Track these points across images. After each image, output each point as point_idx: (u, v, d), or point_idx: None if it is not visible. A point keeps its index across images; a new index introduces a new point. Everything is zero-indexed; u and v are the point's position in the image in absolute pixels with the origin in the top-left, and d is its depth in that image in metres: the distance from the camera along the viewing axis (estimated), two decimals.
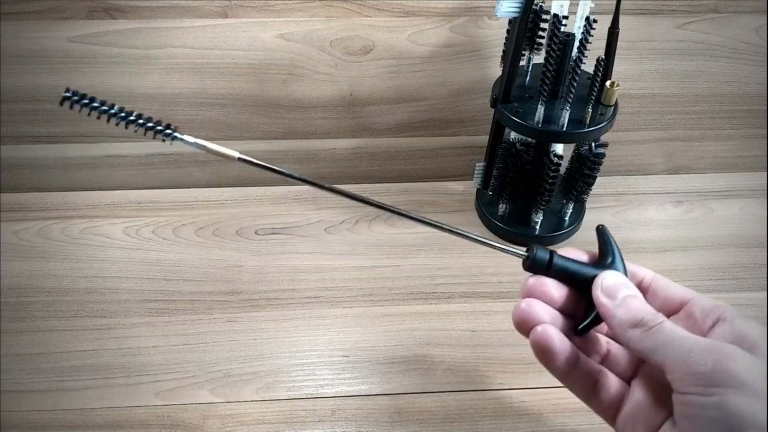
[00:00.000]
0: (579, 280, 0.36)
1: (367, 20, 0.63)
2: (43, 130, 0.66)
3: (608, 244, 0.37)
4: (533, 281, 0.37)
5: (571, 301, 0.37)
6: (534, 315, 0.36)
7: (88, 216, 0.66)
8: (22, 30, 0.61)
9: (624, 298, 0.34)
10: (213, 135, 0.68)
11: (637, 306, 0.34)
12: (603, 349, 0.38)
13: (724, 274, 0.61)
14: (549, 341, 0.35)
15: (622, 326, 0.33)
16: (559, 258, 0.37)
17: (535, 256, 0.36)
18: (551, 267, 0.36)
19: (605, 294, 0.35)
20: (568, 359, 0.36)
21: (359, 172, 0.71)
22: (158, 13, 0.61)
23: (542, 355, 0.36)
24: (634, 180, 0.72)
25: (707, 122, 0.71)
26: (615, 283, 0.35)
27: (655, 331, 0.32)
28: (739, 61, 0.67)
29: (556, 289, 0.37)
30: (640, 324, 0.33)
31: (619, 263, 0.36)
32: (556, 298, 0.37)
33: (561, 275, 0.37)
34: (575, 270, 0.36)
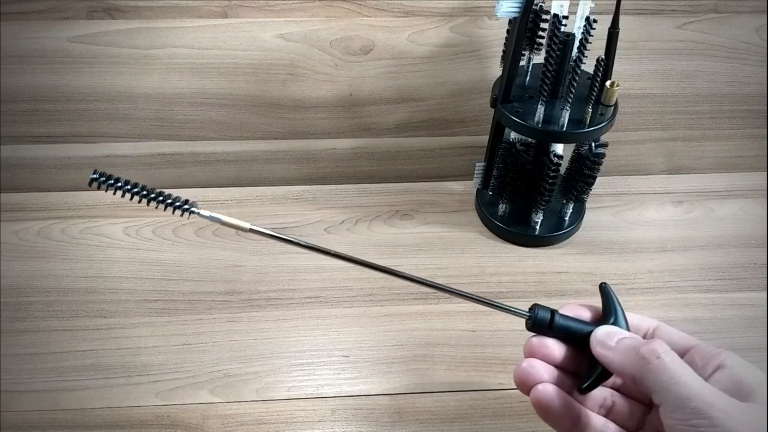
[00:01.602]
0: (580, 338, 0.37)
1: (367, 20, 0.63)
2: (43, 130, 0.66)
3: (610, 302, 0.38)
4: (535, 341, 0.38)
5: (574, 359, 0.38)
6: (535, 374, 0.37)
7: (88, 216, 0.66)
8: (22, 30, 0.61)
9: (618, 341, 0.35)
10: (213, 135, 0.68)
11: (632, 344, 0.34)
12: (607, 402, 0.38)
13: (724, 274, 0.61)
14: (549, 400, 0.36)
15: (624, 369, 0.34)
16: (560, 317, 0.38)
17: (536, 317, 0.38)
18: (552, 326, 0.37)
19: (600, 345, 0.36)
20: (569, 416, 0.36)
21: (359, 172, 0.71)
22: (158, 13, 0.62)
23: (543, 413, 0.37)
24: (634, 180, 0.72)
25: (707, 122, 0.71)
26: (607, 332, 0.36)
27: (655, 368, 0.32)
28: (739, 61, 0.67)
29: (558, 348, 0.38)
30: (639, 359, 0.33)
31: (621, 320, 0.37)
32: (557, 357, 0.38)
33: (562, 334, 0.38)
34: (577, 329, 0.37)
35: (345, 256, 0.40)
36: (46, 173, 0.68)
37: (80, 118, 0.66)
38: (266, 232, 0.39)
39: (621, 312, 0.38)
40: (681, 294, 0.59)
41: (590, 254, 0.63)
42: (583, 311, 0.39)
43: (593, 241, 0.64)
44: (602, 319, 0.38)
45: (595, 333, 0.36)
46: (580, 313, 0.39)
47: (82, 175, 0.69)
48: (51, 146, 0.67)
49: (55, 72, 0.63)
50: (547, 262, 0.62)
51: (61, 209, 0.67)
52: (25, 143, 0.67)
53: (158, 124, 0.67)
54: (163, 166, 0.69)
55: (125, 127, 0.67)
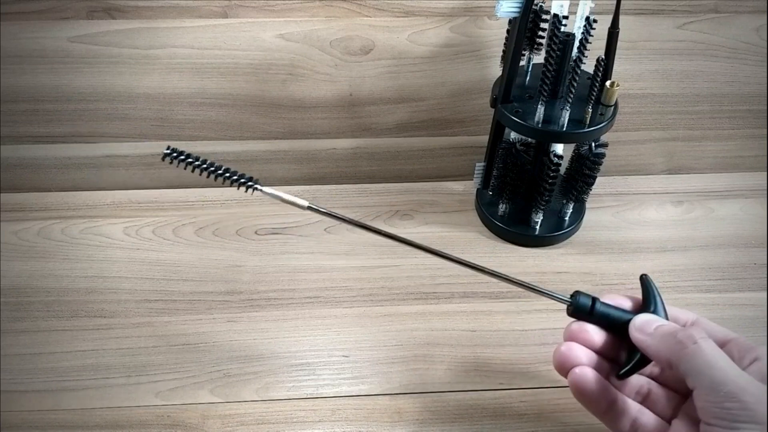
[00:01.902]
0: (620, 326, 0.38)
1: (367, 20, 0.63)
2: (43, 130, 0.66)
3: (651, 293, 0.39)
4: (575, 326, 0.39)
5: (613, 346, 0.39)
6: (573, 357, 0.38)
7: (88, 216, 0.66)
8: (22, 30, 0.61)
9: (656, 328, 0.36)
10: (213, 135, 0.68)
11: (670, 329, 0.35)
12: (644, 390, 0.39)
13: (724, 274, 0.61)
14: (586, 382, 0.37)
15: (660, 354, 0.35)
16: (601, 305, 0.38)
17: (578, 303, 0.38)
18: (593, 313, 0.38)
19: (639, 331, 0.37)
20: (605, 399, 0.37)
21: (359, 172, 0.71)
22: (158, 13, 0.62)
23: (580, 395, 0.38)
24: (634, 180, 0.72)
25: (707, 122, 0.71)
26: (647, 319, 0.37)
27: (692, 352, 0.33)
28: (739, 61, 0.67)
29: (598, 334, 0.39)
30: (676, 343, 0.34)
31: (660, 310, 0.38)
32: (596, 343, 0.38)
33: (603, 321, 0.38)
34: (616, 316, 0.38)
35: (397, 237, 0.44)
36: (46, 173, 0.68)
37: (80, 118, 0.66)
38: (323, 210, 0.42)
39: (661, 302, 0.38)
40: (681, 294, 0.59)
41: (590, 254, 0.63)
42: (624, 300, 0.40)
43: (593, 241, 0.64)
44: (642, 309, 0.39)
45: (635, 319, 0.37)
46: (620, 302, 0.40)
47: (82, 175, 0.69)
48: (51, 146, 0.67)
49: (55, 72, 0.63)
50: (547, 262, 0.62)
51: (61, 209, 0.67)
52: (25, 143, 0.67)
53: (158, 124, 0.67)
54: (163, 166, 0.69)
55: (125, 127, 0.67)
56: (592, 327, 0.38)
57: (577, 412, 0.48)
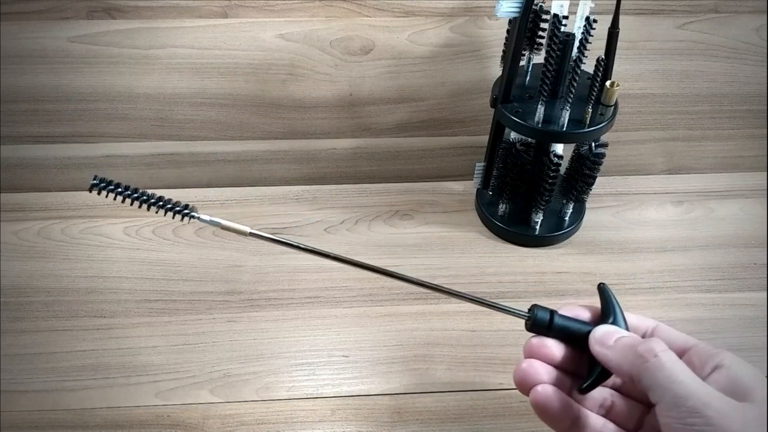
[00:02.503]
0: (580, 338, 0.37)
1: (367, 20, 0.63)
2: (43, 130, 0.66)
3: (609, 303, 0.38)
4: (535, 341, 0.38)
5: (573, 359, 0.38)
6: (534, 374, 0.37)
7: (88, 216, 0.66)
8: (22, 30, 0.61)
9: (616, 340, 0.35)
10: (213, 135, 0.68)
11: (630, 342, 0.35)
12: (607, 402, 0.38)
13: (724, 274, 0.61)
14: (547, 400, 0.36)
15: (621, 368, 0.34)
16: (559, 318, 0.38)
17: (536, 317, 0.38)
18: (552, 327, 0.38)
19: (599, 343, 0.36)
20: (568, 416, 0.37)
21: (359, 172, 0.71)
22: (158, 13, 0.62)
23: (542, 413, 0.37)
24: (634, 180, 0.72)
25: (707, 122, 0.71)
26: (606, 331, 0.36)
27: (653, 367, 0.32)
28: (739, 61, 0.67)
29: (557, 348, 0.38)
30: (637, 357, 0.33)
31: (620, 320, 0.37)
32: (557, 358, 0.38)
33: (562, 335, 0.38)
34: (576, 329, 0.38)
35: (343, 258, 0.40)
36: (46, 173, 0.68)
37: (80, 118, 0.66)
38: (267, 236, 0.39)
39: (620, 312, 0.38)
40: (681, 294, 0.59)
41: (590, 254, 0.63)
42: (583, 311, 0.39)
43: (593, 241, 0.64)
44: (601, 319, 0.38)
45: (594, 332, 0.36)
46: (579, 313, 0.39)
47: (82, 175, 0.69)
48: (51, 146, 0.67)
49: (55, 72, 0.63)
50: (547, 262, 0.62)
51: (61, 209, 0.67)
52: (25, 143, 0.67)
53: (158, 124, 0.67)
54: (163, 166, 0.69)
55: (125, 127, 0.67)
56: (552, 342, 0.38)
57: None
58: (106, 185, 0.37)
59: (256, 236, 0.38)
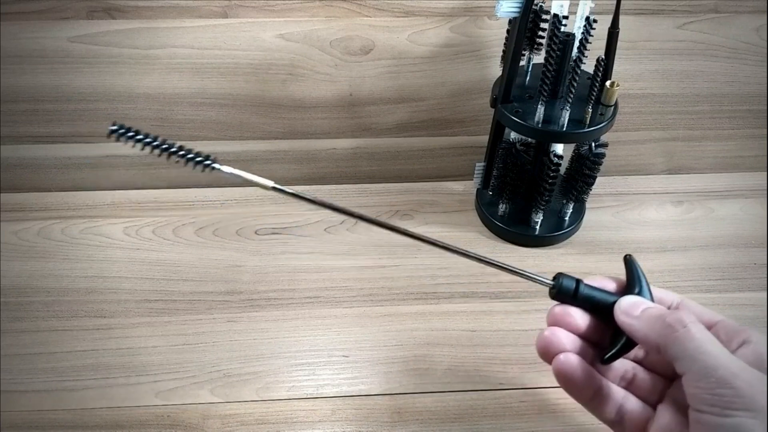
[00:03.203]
0: (605, 309, 0.37)
1: (367, 20, 0.63)
2: (43, 130, 0.66)
3: (635, 274, 0.38)
4: (558, 310, 0.37)
5: (597, 330, 0.37)
6: (557, 343, 0.36)
7: (88, 216, 0.66)
8: (22, 30, 0.61)
9: (643, 311, 0.35)
10: (213, 135, 0.68)
11: (658, 313, 0.34)
12: (629, 375, 0.38)
13: (724, 274, 0.61)
14: (570, 369, 0.36)
15: (648, 338, 0.34)
16: (585, 287, 0.37)
17: (561, 285, 0.37)
18: (577, 296, 0.37)
19: (625, 313, 0.35)
20: (590, 386, 0.36)
21: (359, 172, 0.71)
22: (158, 13, 0.62)
23: (564, 382, 0.36)
24: (634, 180, 0.72)
25: (707, 122, 0.71)
26: (633, 301, 0.36)
27: (682, 337, 0.32)
28: (739, 61, 0.67)
29: (582, 318, 0.37)
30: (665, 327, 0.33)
31: (646, 292, 0.37)
32: (581, 327, 0.37)
33: (587, 304, 0.37)
34: (601, 299, 0.37)
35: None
36: (46, 173, 0.68)
37: (80, 118, 0.66)
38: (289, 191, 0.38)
39: (646, 284, 0.37)
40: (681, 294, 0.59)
41: (590, 254, 0.63)
42: (608, 282, 0.38)
43: (593, 241, 0.64)
44: (627, 291, 0.37)
45: (620, 302, 0.36)
46: (604, 284, 0.38)
47: (82, 175, 0.69)
48: (51, 146, 0.67)
49: (55, 72, 0.63)
50: (547, 262, 0.62)
51: (61, 209, 0.67)
52: (25, 143, 0.67)
53: (158, 124, 0.67)
54: (163, 166, 0.69)
55: None
56: (576, 310, 0.37)
57: (577, 412, 0.48)
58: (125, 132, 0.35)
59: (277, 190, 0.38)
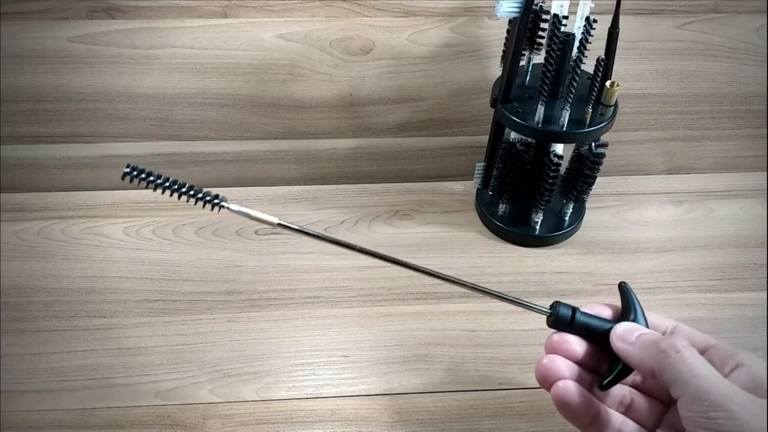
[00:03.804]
0: (601, 335, 0.38)
1: (367, 20, 0.63)
2: (43, 130, 0.66)
3: (630, 301, 0.39)
4: (556, 338, 0.39)
5: (594, 356, 0.38)
6: (555, 370, 0.37)
7: (88, 216, 0.66)
8: (22, 30, 0.61)
9: (638, 337, 0.36)
10: (213, 135, 0.68)
11: (652, 338, 0.35)
12: (626, 400, 0.39)
13: (724, 274, 0.61)
14: (569, 396, 0.37)
15: (643, 363, 0.35)
16: (581, 315, 0.38)
17: (558, 313, 0.38)
18: (573, 323, 0.38)
19: (620, 339, 0.36)
20: (588, 412, 0.37)
21: (359, 172, 0.71)
22: (158, 13, 0.62)
23: (563, 409, 0.37)
24: (634, 180, 0.72)
25: (707, 122, 0.71)
26: (627, 328, 0.37)
27: (675, 361, 0.32)
28: (739, 61, 0.67)
29: (579, 345, 0.38)
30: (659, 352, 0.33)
31: (640, 318, 0.38)
32: (578, 354, 0.38)
33: (583, 331, 0.38)
34: (597, 326, 0.38)
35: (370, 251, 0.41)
36: (46, 173, 0.68)
37: (80, 118, 0.66)
38: (295, 227, 0.40)
39: (640, 310, 0.38)
40: (681, 294, 0.59)
41: (590, 254, 0.63)
42: (604, 309, 0.39)
43: (593, 241, 0.64)
44: (622, 317, 0.38)
45: (616, 328, 0.37)
46: (600, 311, 0.39)
47: (82, 175, 0.69)
48: (51, 146, 0.67)
49: (55, 72, 0.63)
50: (547, 262, 0.62)
51: (61, 209, 0.67)
52: (25, 143, 0.67)
53: (158, 124, 0.67)
54: (163, 166, 0.69)
55: (125, 127, 0.67)
56: (573, 338, 0.38)
57: None
58: (138, 173, 0.38)
59: (283, 227, 0.40)
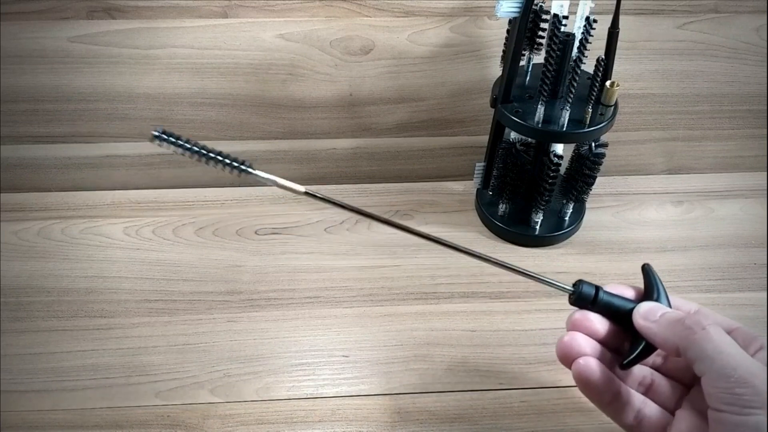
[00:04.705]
0: (624, 315, 0.37)
1: (367, 20, 0.63)
2: (43, 130, 0.66)
3: (653, 282, 0.39)
4: (578, 315, 0.38)
5: (616, 336, 0.38)
6: (577, 347, 0.37)
7: (88, 216, 0.66)
8: (22, 30, 0.61)
9: (662, 315, 0.36)
10: (213, 135, 0.68)
11: (676, 316, 0.35)
12: (647, 380, 0.39)
13: (724, 274, 0.61)
14: (590, 373, 0.36)
15: (667, 341, 0.34)
16: (604, 294, 0.38)
17: (581, 291, 0.38)
18: (596, 302, 0.38)
19: (644, 318, 0.36)
20: (610, 390, 0.37)
21: (359, 172, 0.71)
22: (158, 13, 0.62)
23: (584, 386, 0.37)
24: (634, 180, 0.72)
25: (707, 122, 0.71)
26: (651, 306, 0.37)
27: (701, 338, 0.32)
28: (739, 61, 0.67)
29: (601, 323, 0.38)
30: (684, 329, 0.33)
31: (663, 299, 0.38)
32: (600, 332, 0.38)
33: (606, 310, 0.38)
34: (620, 305, 0.38)
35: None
36: (46, 173, 0.68)
37: (80, 118, 0.66)
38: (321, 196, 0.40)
39: (664, 291, 0.38)
40: (681, 294, 0.59)
41: (590, 254, 0.63)
42: (627, 290, 0.39)
43: (593, 241, 0.64)
44: (645, 298, 0.38)
45: (639, 307, 0.37)
46: (623, 291, 0.39)
47: (82, 175, 0.69)
48: (51, 146, 0.67)
49: (55, 72, 0.63)
50: (547, 262, 0.62)
51: (61, 209, 0.67)
52: (25, 143, 0.67)
53: (158, 124, 0.67)
54: (163, 166, 0.69)
55: (125, 127, 0.67)
56: (595, 316, 0.38)
57: (577, 412, 0.48)
58: (168, 137, 0.38)
59: (310, 195, 0.39)
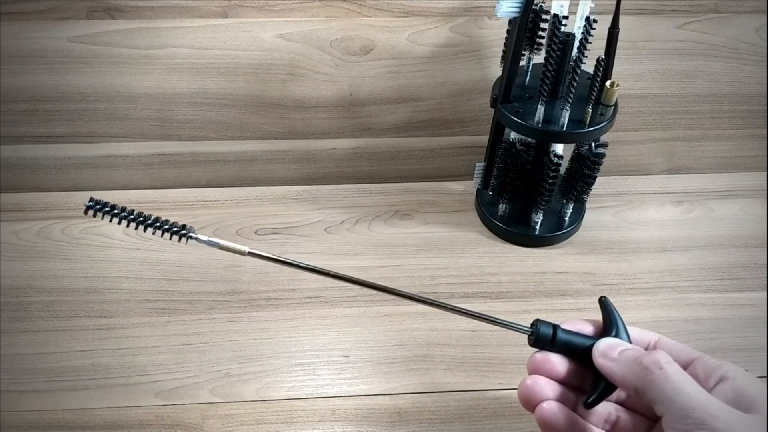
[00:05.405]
0: (583, 352, 0.37)
1: (367, 20, 0.63)
2: (43, 130, 0.66)
3: (611, 316, 0.38)
4: (539, 357, 0.38)
5: (578, 374, 0.38)
6: (539, 392, 0.37)
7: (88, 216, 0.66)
8: (22, 30, 0.61)
9: (620, 353, 0.35)
10: (213, 135, 0.68)
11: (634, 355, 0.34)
12: (612, 417, 0.38)
13: (724, 274, 0.61)
14: (553, 418, 0.36)
15: (626, 380, 0.34)
16: (562, 332, 0.37)
17: (538, 332, 0.38)
18: (555, 342, 0.37)
19: (603, 357, 0.36)
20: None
21: (359, 172, 0.71)
22: (158, 13, 0.62)
23: (547, 430, 0.37)
24: (634, 180, 0.72)
25: (707, 122, 0.71)
26: (609, 344, 0.36)
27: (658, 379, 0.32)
28: (739, 61, 0.67)
29: (561, 363, 0.38)
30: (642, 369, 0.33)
31: (622, 333, 0.37)
32: (561, 373, 0.37)
33: (566, 349, 0.38)
34: (579, 343, 0.37)
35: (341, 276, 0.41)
36: (46, 173, 0.68)
37: (80, 118, 0.66)
38: (265, 255, 0.39)
39: (622, 325, 0.38)
40: (681, 294, 0.59)
41: (590, 254, 0.63)
42: (585, 325, 0.39)
43: (593, 241, 0.64)
44: (604, 333, 0.38)
45: (597, 345, 0.36)
46: (581, 327, 0.39)
47: (82, 175, 0.69)
48: (51, 146, 0.67)
49: (55, 72, 0.63)
50: (547, 262, 0.62)
51: (61, 209, 0.67)
52: (25, 143, 0.67)
53: (158, 124, 0.67)
54: (163, 166, 0.69)
55: (125, 127, 0.67)
56: (556, 356, 0.38)
57: None
58: (102, 207, 0.37)
59: (254, 255, 0.39)
